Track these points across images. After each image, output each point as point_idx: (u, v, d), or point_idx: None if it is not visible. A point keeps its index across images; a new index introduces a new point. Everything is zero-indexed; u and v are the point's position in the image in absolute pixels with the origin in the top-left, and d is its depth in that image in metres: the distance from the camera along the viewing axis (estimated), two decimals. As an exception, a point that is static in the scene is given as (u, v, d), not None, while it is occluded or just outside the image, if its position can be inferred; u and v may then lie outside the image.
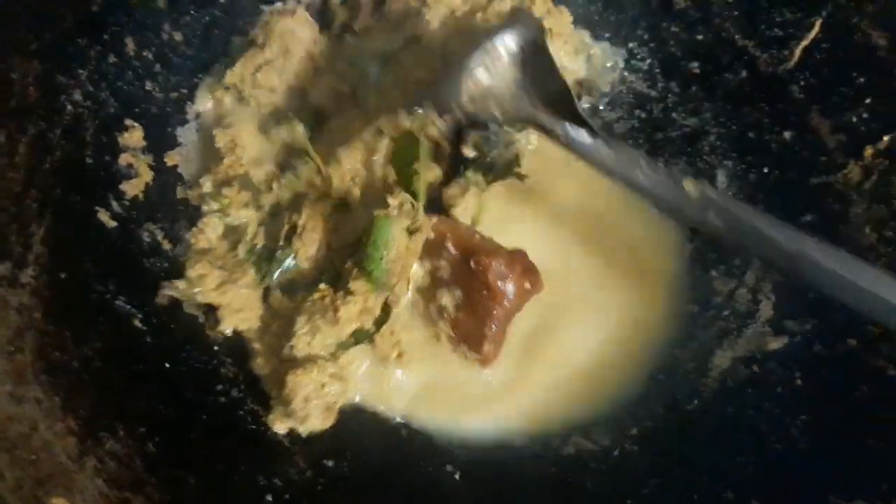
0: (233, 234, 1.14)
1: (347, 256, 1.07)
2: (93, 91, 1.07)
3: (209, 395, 1.00)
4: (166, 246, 1.10)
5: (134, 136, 1.11)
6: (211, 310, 1.09)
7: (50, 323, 0.89)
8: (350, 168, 1.12)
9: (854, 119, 1.26)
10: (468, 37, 1.19)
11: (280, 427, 1.01)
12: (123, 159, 1.10)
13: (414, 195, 1.06)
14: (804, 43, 1.30)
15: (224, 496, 0.87)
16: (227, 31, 1.27)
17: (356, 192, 1.09)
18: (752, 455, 1.05)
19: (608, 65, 1.43)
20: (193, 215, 1.16)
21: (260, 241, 1.12)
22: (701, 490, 0.99)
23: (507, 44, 1.08)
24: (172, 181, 1.17)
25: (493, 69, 1.08)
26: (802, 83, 1.30)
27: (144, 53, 1.15)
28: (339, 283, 1.04)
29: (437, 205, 1.13)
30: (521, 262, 1.12)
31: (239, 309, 1.08)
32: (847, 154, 1.26)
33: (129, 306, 0.99)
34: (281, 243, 1.10)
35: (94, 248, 1.00)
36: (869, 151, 1.24)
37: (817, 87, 1.28)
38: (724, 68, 1.37)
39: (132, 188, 1.09)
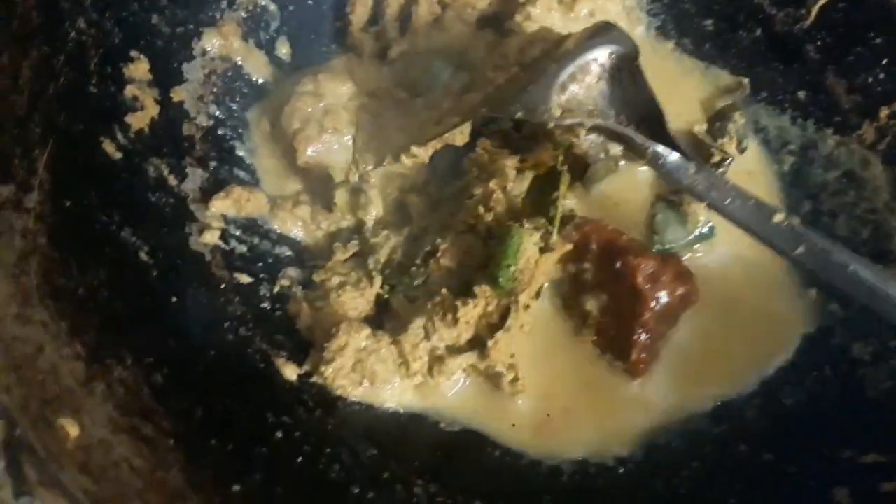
0: (366, 247, 1.14)
1: (475, 273, 1.06)
2: (97, 19, 1.04)
3: (216, 332, 0.97)
4: (172, 182, 1.07)
5: (139, 68, 1.08)
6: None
7: (55, 249, 0.86)
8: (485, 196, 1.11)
9: (870, 79, 1.25)
10: (549, 44, 1.18)
11: (290, 373, 0.99)
12: (129, 91, 1.06)
13: (550, 221, 1.05)
14: (821, 2, 1.28)
15: (232, 430, 0.84)
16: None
17: (489, 218, 1.08)
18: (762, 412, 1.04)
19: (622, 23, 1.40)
20: (200, 153, 1.12)
21: (397, 258, 1.10)
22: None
23: (599, 59, 1.06)
24: (179, 117, 1.13)
25: (581, 81, 1.06)
26: (818, 43, 1.29)
27: (151, -15, 1.11)
28: (463, 293, 1.04)
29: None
30: (674, 266, 1.08)
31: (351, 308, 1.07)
32: (862, 115, 1.25)
33: (134, 238, 0.96)
34: (418, 262, 1.09)
35: (98, 177, 0.97)
36: (884, 112, 1.23)
37: (833, 46, 1.27)
38: (739, 26, 1.36)
39: (137, 121, 1.06)
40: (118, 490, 0.68)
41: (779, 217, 0.99)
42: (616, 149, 1.22)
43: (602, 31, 1.11)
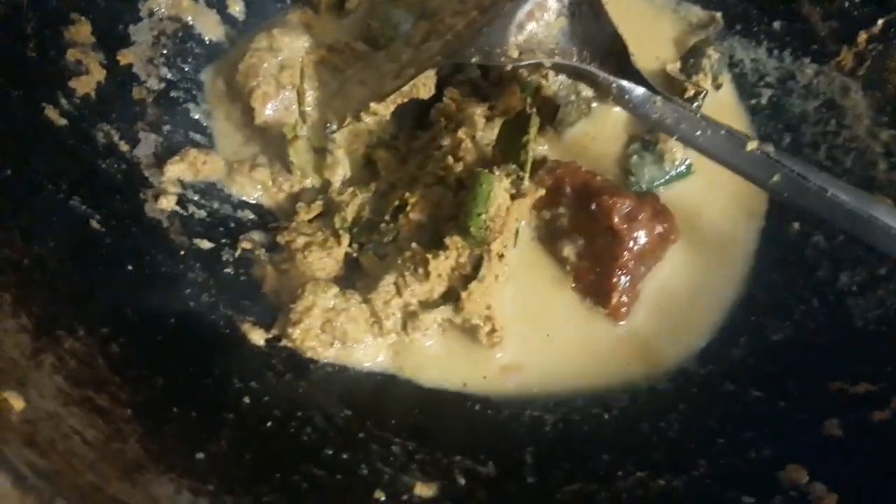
0: (332, 205, 1.09)
1: (446, 225, 1.02)
2: (31, -20, 0.97)
3: (176, 299, 0.93)
4: (123, 148, 1.03)
5: (81, 31, 1.03)
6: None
7: (-6, 219, 0.81)
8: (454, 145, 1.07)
9: (846, 4, 1.21)
10: None
11: (257, 338, 0.95)
12: (71, 55, 1.02)
13: (521, 167, 1.00)
14: (793, -72, 1.23)
15: (196, 397, 0.81)
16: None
17: (458, 168, 1.04)
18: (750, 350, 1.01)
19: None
20: (152, 117, 1.08)
21: (366, 215, 1.06)
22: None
23: None
24: (128, 81, 1.09)
25: (540, 19, 1.01)
26: (790, -31, 1.24)
27: (88, -60, 1.05)
28: (434, 246, 1.00)
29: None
30: (651, 204, 1.05)
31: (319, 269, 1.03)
32: (839, 41, 1.21)
33: (84, 206, 0.92)
34: (387, 217, 1.04)
35: (42, 145, 0.93)
36: (863, 37, 1.19)
37: (806, -28, 1.22)
38: (708, -42, 1.31)
39: (82, 86, 1.01)
40: (68, 463, 0.64)
41: (751, 145, 0.95)
42: (588, 90, 1.19)
43: None
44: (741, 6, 1.30)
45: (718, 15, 1.31)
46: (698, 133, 0.97)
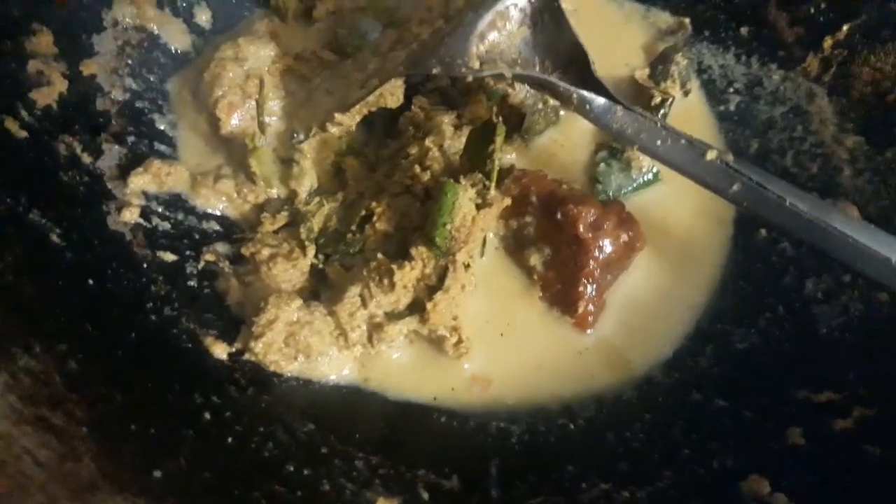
0: (297, 216, 1.08)
1: (412, 236, 1.01)
2: (-11, -10, 0.96)
3: (138, 313, 0.92)
4: (86, 159, 1.02)
5: (42, 41, 1.02)
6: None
7: (-54, 233, 0.80)
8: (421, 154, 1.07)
9: (812, 10, 1.22)
10: None
11: (220, 352, 0.95)
12: (32, 66, 1.00)
13: (487, 176, 1.00)
14: (759, -66, 1.24)
15: (155, 414, 0.80)
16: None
17: (426, 177, 1.03)
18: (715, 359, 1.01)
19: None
20: (117, 129, 1.06)
21: (332, 225, 1.06)
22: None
23: (518, 3, 1.00)
24: (91, 92, 1.07)
25: (502, 29, 1.00)
26: (757, -25, 1.24)
27: (46, -51, 1.04)
28: (401, 256, 0.99)
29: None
30: (616, 213, 1.04)
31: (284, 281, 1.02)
32: (805, 47, 1.22)
33: (44, 220, 0.90)
34: (353, 228, 1.04)
35: (1, 157, 0.90)
36: (828, 42, 1.20)
37: (772, -22, 1.22)
38: (674, -35, 1.31)
39: (44, 97, 1.00)
40: (17, 484, 0.63)
41: (711, 155, 0.95)
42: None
43: None
44: (710, 12, 1.31)
45: (687, 21, 1.32)
46: (658, 143, 0.97)
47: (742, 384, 0.98)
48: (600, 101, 0.97)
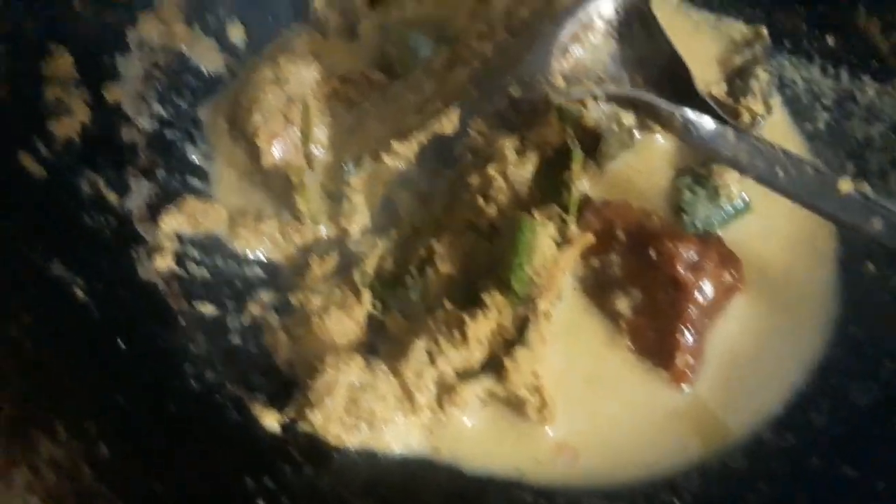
0: (349, 258, 0.98)
1: (481, 279, 0.90)
2: (1, 5, 0.86)
3: (176, 379, 0.81)
4: (112, 199, 0.91)
5: (61, 64, 0.92)
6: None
7: (-43, 296, 0.68)
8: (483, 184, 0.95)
9: (909, 14, 1.08)
10: (539, 2, 1.00)
11: (271, 422, 0.83)
12: (50, 93, 0.89)
13: (565, 208, 0.89)
14: (842, -70, 1.12)
15: (203, 506, 0.68)
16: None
17: (491, 210, 0.92)
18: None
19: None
20: (145, 162, 0.95)
21: (388, 268, 0.95)
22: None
23: (603, 12, 0.90)
24: (115, 121, 0.97)
25: (586, 41, 0.90)
26: (844, -23, 1.12)
27: (66, -37, 0.94)
28: (470, 303, 0.88)
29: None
30: (716, 249, 0.93)
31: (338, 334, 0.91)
32: (903, 56, 1.08)
33: (66, 272, 0.80)
34: (412, 269, 0.93)
35: (16, 200, 0.81)
36: (931, 51, 1.08)
37: (862, -21, 1.11)
38: (751, -31, 1.19)
39: (64, 128, 0.89)
40: None
41: (845, 186, 0.83)
42: (630, 118, 1.07)
43: None
44: (789, 20, 1.19)
45: (764, 30, 1.20)
46: (780, 172, 0.85)
47: (869, 447, 0.86)
48: (708, 122, 0.86)
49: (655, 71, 0.91)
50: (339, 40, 1.15)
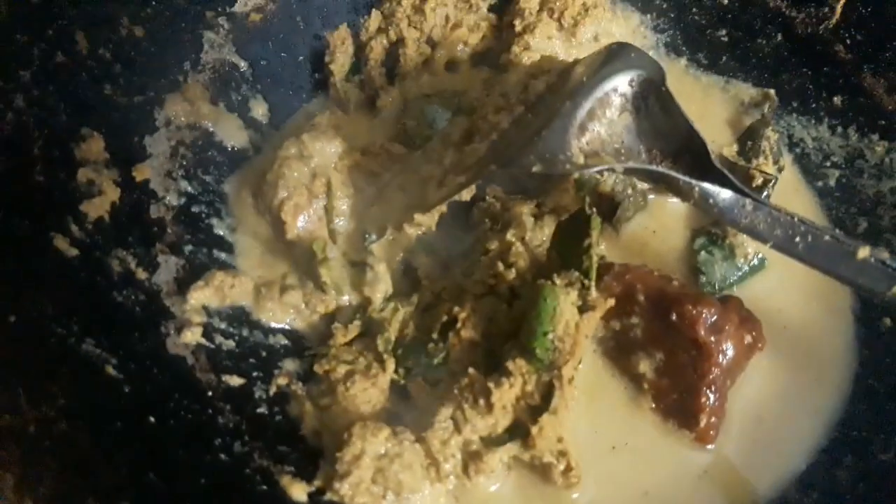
0: (372, 325, 0.98)
1: (504, 344, 0.91)
2: (38, 96, 0.89)
3: (206, 452, 0.81)
4: (141, 275, 0.92)
5: (93, 147, 0.94)
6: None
7: (-4, 379, 0.69)
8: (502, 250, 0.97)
9: (914, 74, 1.09)
10: (554, 76, 1.03)
11: (299, 494, 0.83)
12: (82, 175, 0.91)
13: (585, 274, 0.89)
14: (844, -3, 1.15)
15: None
16: (195, 24, 1.10)
17: (510, 276, 0.94)
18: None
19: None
20: (173, 237, 0.97)
21: (409, 333, 0.96)
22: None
23: (619, 88, 0.91)
24: (144, 199, 0.99)
25: (602, 117, 0.91)
26: (848, 41, 1.16)
27: (100, 51, 0.96)
28: (493, 369, 0.88)
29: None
30: (735, 311, 0.94)
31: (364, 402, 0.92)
32: (910, 114, 1.09)
33: (99, 350, 0.80)
34: (435, 336, 0.94)
35: (50, 281, 0.82)
36: (936, 108, 1.10)
37: (866, 43, 1.15)
38: (757, 33, 1.23)
39: (95, 209, 0.91)
40: None
41: (863, 253, 0.84)
42: (642, 182, 1.09)
43: (617, 55, 0.94)
44: (796, 81, 1.21)
45: (772, 92, 1.22)
46: (798, 241, 0.86)
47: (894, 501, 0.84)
48: (727, 194, 0.87)
49: (672, 144, 0.92)
50: (359, 115, 1.18)
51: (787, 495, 0.90)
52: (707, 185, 0.87)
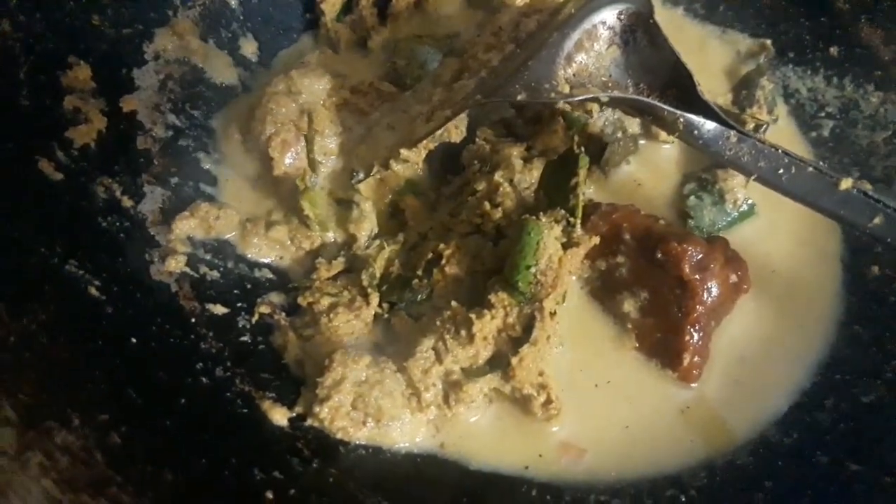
0: (357, 262, 0.98)
1: (487, 280, 0.91)
2: (25, 21, 0.89)
3: (187, 375, 0.82)
4: (127, 203, 0.93)
5: (80, 76, 0.94)
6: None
7: (-25, 290, 0.70)
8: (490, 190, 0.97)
9: (911, 24, 1.08)
10: (546, 14, 1.02)
11: (279, 418, 0.84)
12: (68, 102, 0.92)
13: (571, 211, 0.89)
14: (845, -55, 1.14)
15: (212, 494, 0.68)
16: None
17: (497, 215, 0.94)
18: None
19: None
20: (159, 169, 0.97)
21: (395, 271, 0.96)
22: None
23: (606, 21, 0.90)
24: (131, 129, 0.99)
25: (590, 49, 0.90)
26: (845, -10, 1.14)
27: (87, -20, 0.96)
28: (476, 304, 0.89)
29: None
30: (721, 251, 0.93)
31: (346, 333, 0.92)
32: (907, 66, 1.08)
33: (81, 271, 0.81)
34: (419, 273, 0.94)
35: (34, 202, 0.83)
36: (932, 59, 1.09)
37: (863, -9, 1.12)
38: (754, -17, 1.21)
39: (81, 136, 0.91)
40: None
41: (845, 184, 0.84)
42: (634, 125, 1.08)
43: None
44: (793, 32, 1.20)
45: (769, 42, 1.21)
46: (781, 172, 0.86)
47: (874, 444, 0.85)
48: (711, 126, 0.87)
49: (659, 77, 0.91)
50: (350, 54, 1.17)
51: (767, 435, 0.90)
52: (692, 116, 0.87)
